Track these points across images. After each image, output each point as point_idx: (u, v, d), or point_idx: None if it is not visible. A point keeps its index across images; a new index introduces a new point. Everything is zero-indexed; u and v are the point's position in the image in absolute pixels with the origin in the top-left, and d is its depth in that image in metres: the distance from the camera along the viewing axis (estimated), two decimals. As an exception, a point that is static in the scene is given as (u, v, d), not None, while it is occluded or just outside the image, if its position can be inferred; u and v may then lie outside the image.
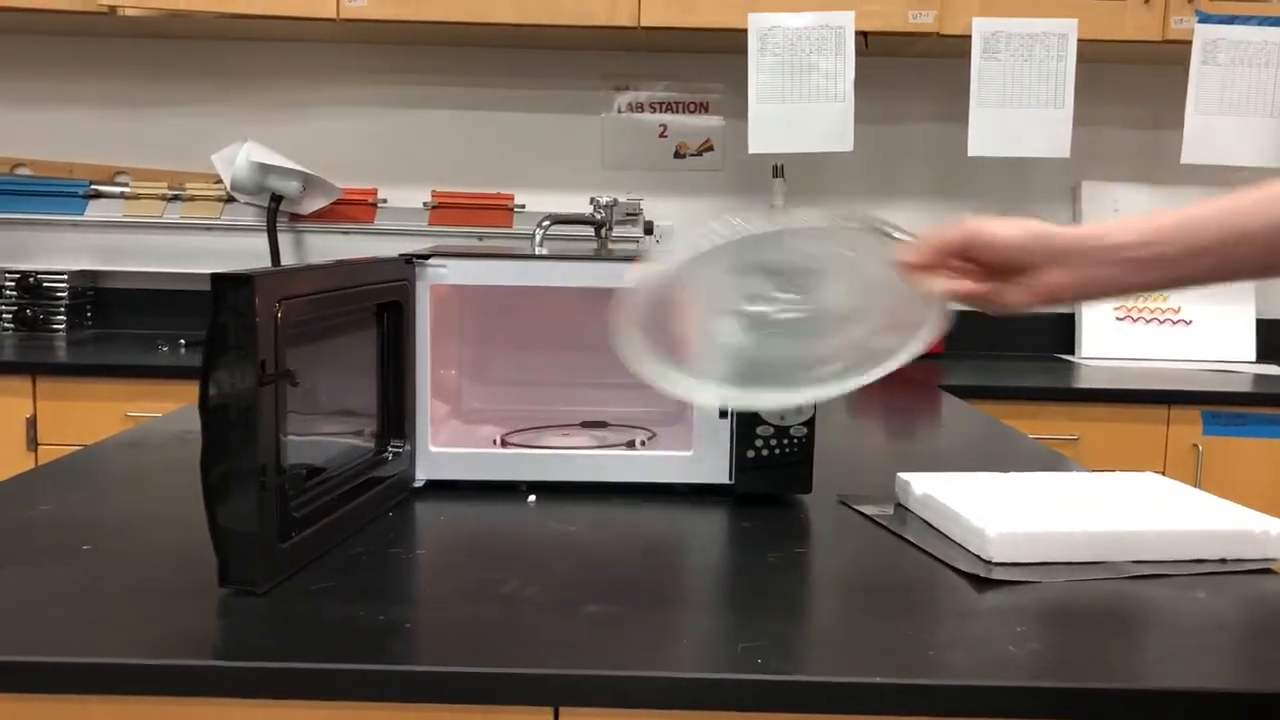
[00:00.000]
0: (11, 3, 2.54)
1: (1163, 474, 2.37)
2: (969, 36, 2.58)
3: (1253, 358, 2.82)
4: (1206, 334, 2.83)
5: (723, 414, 1.29)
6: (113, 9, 2.54)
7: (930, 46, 2.69)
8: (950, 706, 0.80)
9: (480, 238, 2.87)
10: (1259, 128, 2.59)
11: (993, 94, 2.61)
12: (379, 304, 1.22)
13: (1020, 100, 2.61)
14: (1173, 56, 2.66)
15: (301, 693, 0.81)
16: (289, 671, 0.80)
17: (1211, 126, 2.59)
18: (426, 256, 1.28)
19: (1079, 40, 2.57)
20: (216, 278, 0.93)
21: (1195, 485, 2.37)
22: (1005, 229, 0.92)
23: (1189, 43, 2.58)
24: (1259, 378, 2.61)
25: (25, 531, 1.10)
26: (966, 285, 0.94)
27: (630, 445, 1.35)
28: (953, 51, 2.66)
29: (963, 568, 1.05)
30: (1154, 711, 0.80)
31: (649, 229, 2.83)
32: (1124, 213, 2.97)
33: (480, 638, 0.86)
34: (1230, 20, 2.58)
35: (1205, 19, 2.55)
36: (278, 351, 0.96)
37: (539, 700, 0.81)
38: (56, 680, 0.80)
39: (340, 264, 1.13)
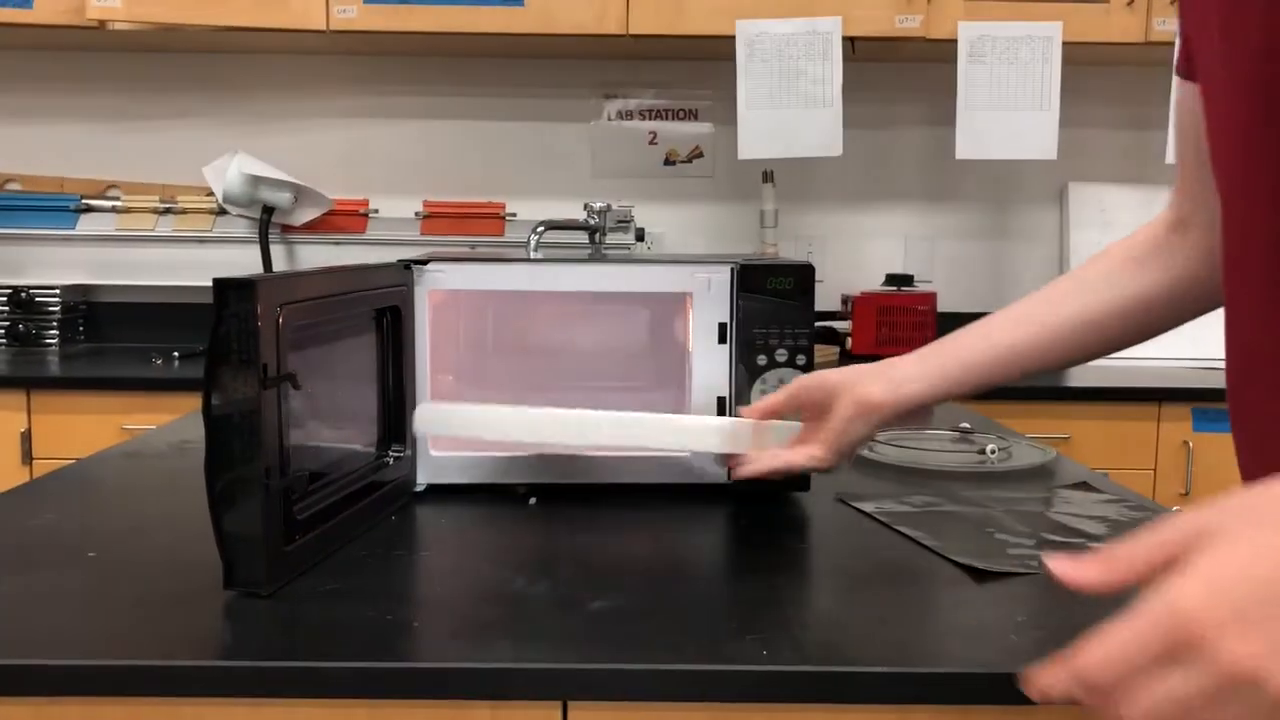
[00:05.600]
0: (0, 18, 2.54)
1: (1154, 471, 2.41)
2: (955, 41, 2.60)
3: (1241, 355, 2.84)
4: (1195, 332, 2.84)
5: (720, 414, 1.30)
6: (102, 23, 2.55)
7: (917, 51, 2.71)
8: (956, 695, 0.81)
9: (472, 246, 2.87)
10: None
11: (979, 97, 2.63)
12: (378, 309, 1.23)
13: (1007, 103, 2.63)
14: (1156, 58, 2.68)
15: (311, 691, 0.81)
16: (298, 670, 0.81)
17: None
18: (425, 262, 1.29)
19: (1064, 43, 2.60)
20: (219, 282, 0.93)
21: (1186, 481, 2.39)
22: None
23: (1172, 44, 2.60)
24: (1248, 375, 2.63)
25: (30, 540, 1.11)
26: None
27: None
28: (939, 55, 2.68)
29: (961, 560, 1.06)
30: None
31: (640, 235, 2.84)
32: (1110, 214, 2.99)
33: (488, 635, 0.87)
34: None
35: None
36: (280, 356, 0.97)
37: (548, 695, 0.82)
38: (68, 683, 0.81)
39: (340, 269, 1.13)
